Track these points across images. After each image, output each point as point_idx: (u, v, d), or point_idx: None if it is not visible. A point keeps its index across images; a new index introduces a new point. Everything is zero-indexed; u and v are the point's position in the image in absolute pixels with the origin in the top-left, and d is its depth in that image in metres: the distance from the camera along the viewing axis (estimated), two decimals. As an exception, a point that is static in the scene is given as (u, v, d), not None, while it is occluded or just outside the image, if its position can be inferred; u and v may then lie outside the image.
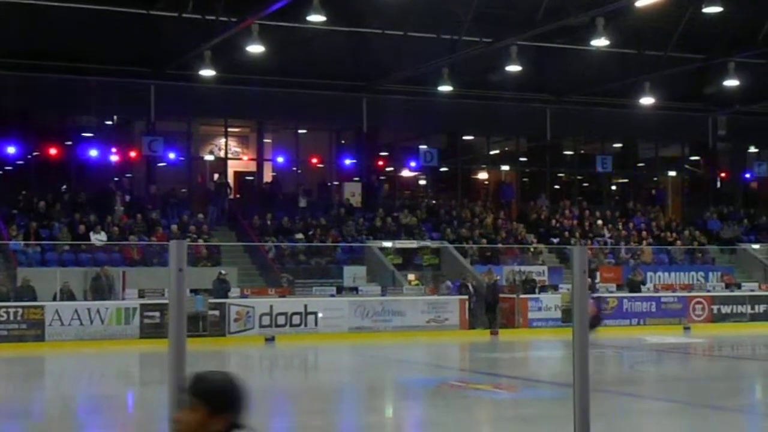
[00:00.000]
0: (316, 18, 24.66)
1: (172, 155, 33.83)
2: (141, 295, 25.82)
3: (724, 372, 20.56)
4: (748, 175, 42.51)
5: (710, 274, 34.50)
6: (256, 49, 27.24)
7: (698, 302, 31.16)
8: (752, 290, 32.84)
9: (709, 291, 32.46)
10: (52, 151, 32.66)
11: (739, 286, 33.28)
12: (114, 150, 33.87)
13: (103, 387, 18.45)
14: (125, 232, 29.81)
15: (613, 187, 41.45)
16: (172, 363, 3.96)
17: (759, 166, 41.19)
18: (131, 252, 28.97)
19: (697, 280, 33.96)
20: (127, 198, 31.84)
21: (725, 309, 31.29)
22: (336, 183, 36.40)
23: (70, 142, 33.15)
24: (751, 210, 41.05)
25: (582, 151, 40.74)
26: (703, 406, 14.70)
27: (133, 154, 33.67)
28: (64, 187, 32.38)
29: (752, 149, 42.95)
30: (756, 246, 37.06)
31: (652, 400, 15.73)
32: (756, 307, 31.56)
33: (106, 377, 20.40)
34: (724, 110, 38.84)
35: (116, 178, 33.43)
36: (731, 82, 32.06)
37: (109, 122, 35.18)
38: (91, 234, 28.98)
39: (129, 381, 20.07)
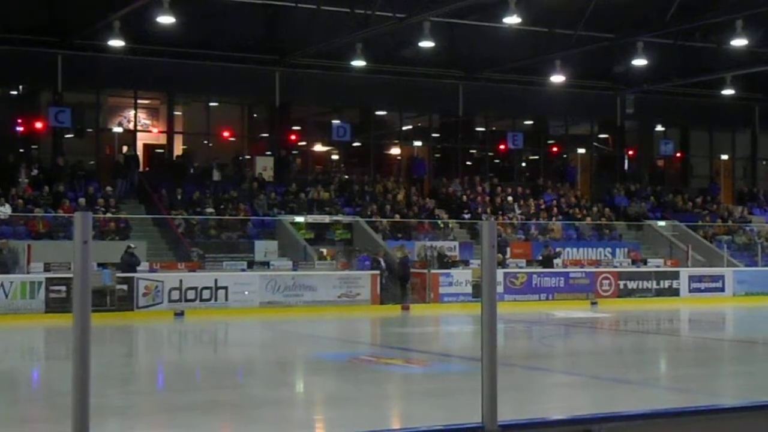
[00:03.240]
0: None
1: (79, 127, 33.20)
2: (47, 269, 25.33)
3: (630, 346, 20.95)
4: (654, 154, 43.32)
5: (617, 250, 35.11)
6: (166, 20, 26.83)
7: (605, 278, 31.68)
8: (658, 266, 33.57)
9: (616, 267, 33.05)
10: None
11: (645, 262, 33.99)
12: (19, 121, 33.13)
13: (7, 362, 18.08)
14: (31, 204, 29.22)
15: (524, 164, 41.87)
16: (76, 338, 3.87)
17: (665, 144, 41.97)
18: (37, 225, 28.40)
19: (605, 256, 34.53)
20: (35, 171, 31.14)
21: (632, 284, 31.89)
22: (248, 157, 36.12)
23: (-28, 112, 32.32)
24: (658, 187, 41.87)
25: (493, 128, 41.04)
26: (610, 379, 14.96)
27: (39, 125, 32.97)
28: (-33, 158, 31.58)
29: (659, 128, 43.74)
30: (662, 223, 37.83)
31: (560, 373, 15.95)
32: (661, 282, 32.23)
33: (9, 352, 20.00)
34: (632, 89, 39.46)
35: (21, 150, 32.71)
36: (639, 62, 32.60)
37: (14, 92, 34.38)
38: (-5, 206, 28.36)
39: (33, 356, 19.71)
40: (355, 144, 38.27)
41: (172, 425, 11.01)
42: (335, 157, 38.88)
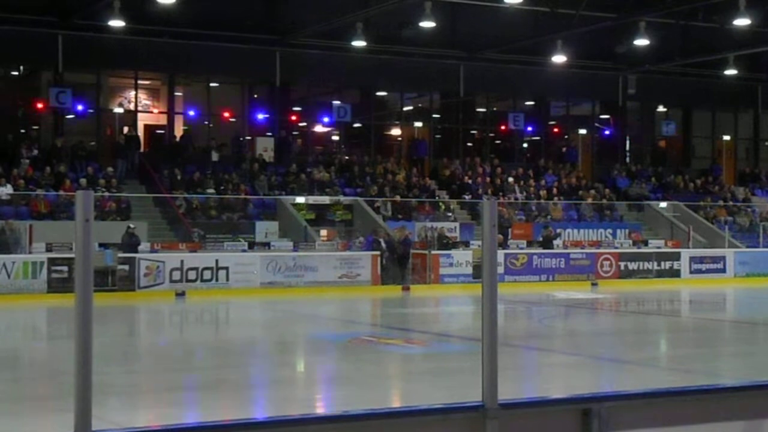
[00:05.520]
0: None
1: (80, 107, 33.18)
2: (49, 249, 25.36)
3: (630, 326, 20.98)
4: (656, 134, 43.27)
5: (618, 231, 35.08)
6: (167, -1, 26.76)
7: (606, 259, 31.67)
8: (658, 247, 33.54)
9: (616, 248, 33.03)
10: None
11: (645, 243, 33.96)
12: (20, 101, 33.12)
13: (9, 341, 18.13)
14: (32, 185, 29.22)
15: (525, 145, 41.79)
16: (78, 317, 3.88)
17: (667, 125, 41.89)
18: (38, 205, 28.41)
19: (606, 237, 34.52)
20: (35, 151, 31.13)
21: (632, 265, 31.87)
22: (248, 138, 36.06)
23: (-27, 93, 32.28)
24: (659, 168, 41.81)
25: (494, 108, 40.95)
26: (610, 359, 15.00)
27: (39, 105, 32.93)
28: (-32, 138, 31.55)
29: (661, 108, 43.64)
30: (663, 204, 37.79)
31: (560, 353, 15.99)
32: (662, 263, 32.21)
33: (12, 331, 20.05)
34: (634, 69, 39.35)
35: (22, 130, 32.69)
36: (641, 42, 32.48)
37: (15, 72, 34.33)
38: (-4, 187, 28.35)
39: (36, 336, 19.76)
40: (356, 124, 38.19)
41: (173, 404, 11.04)
42: (335, 137, 38.82)
